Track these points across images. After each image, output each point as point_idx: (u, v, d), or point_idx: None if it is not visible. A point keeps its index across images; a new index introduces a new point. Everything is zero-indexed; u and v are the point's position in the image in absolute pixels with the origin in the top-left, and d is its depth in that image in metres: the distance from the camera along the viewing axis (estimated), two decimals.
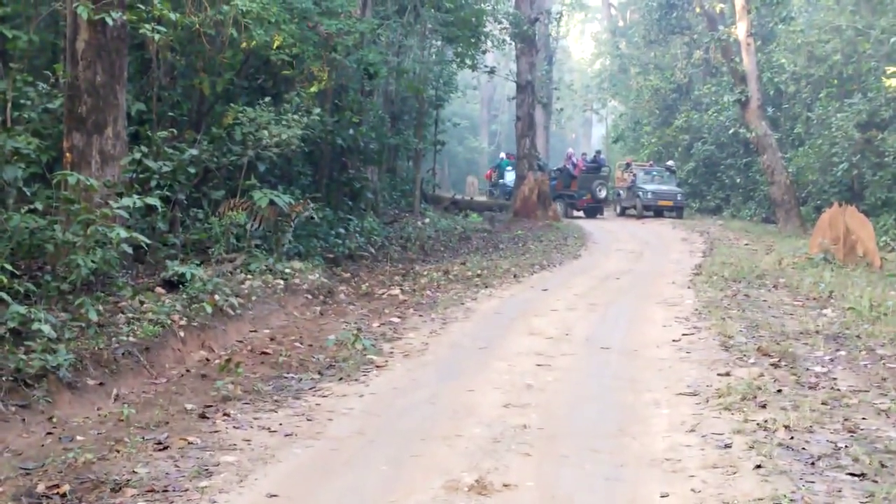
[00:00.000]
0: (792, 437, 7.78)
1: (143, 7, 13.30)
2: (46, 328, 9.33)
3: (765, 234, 30.89)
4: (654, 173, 40.84)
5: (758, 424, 8.18)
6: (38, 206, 11.25)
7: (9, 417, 8.09)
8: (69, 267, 11.00)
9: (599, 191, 40.52)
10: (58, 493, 6.51)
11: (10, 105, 12.21)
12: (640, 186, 39.49)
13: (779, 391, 9.42)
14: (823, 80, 36.19)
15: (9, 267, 10.19)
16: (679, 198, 39.13)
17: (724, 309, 14.74)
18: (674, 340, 12.44)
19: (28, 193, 12.12)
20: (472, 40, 30.14)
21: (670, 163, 42.66)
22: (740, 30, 33.61)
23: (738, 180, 41.56)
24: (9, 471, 6.89)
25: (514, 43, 37.53)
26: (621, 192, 41.83)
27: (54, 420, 8.31)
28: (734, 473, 7.01)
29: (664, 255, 24.46)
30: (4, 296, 9.83)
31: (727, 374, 10.27)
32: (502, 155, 48.90)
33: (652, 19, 51.41)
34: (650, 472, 7.16)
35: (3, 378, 8.41)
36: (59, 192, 12.02)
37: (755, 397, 9.13)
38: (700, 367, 10.79)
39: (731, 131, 40.76)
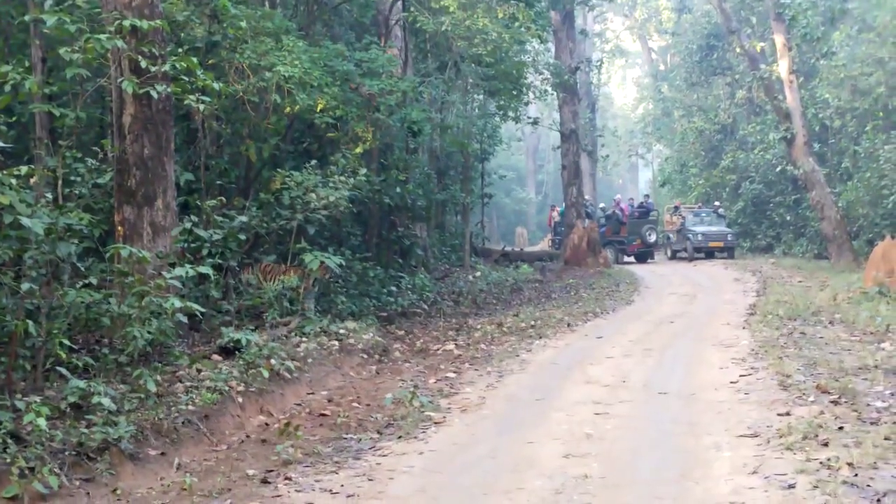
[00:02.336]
0: (856, 475, 7.64)
1: (186, 79, 13.47)
2: (106, 401, 9.40)
3: (818, 270, 30.55)
4: (704, 215, 40.66)
5: (821, 463, 8.05)
6: (93, 280, 11.37)
7: (73, 491, 8.14)
8: (126, 339, 11.10)
9: (649, 235, 40.42)
10: None
11: (60, 182, 12.39)
12: (690, 229, 39.35)
13: (840, 428, 9.28)
14: (868, 113, 35.88)
15: (67, 342, 10.31)
16: (730, 238, 38.94)
17: (781, 348, 14.58)
18: (731, 382, 12.30)
19: (82, 268, 12.25)
20: (514, 92, 30.21)
21: (717, 204, 42.42)
22: (782, 67, 33.54)
23: (788, 218, 41.24)
24: None
25: (556, 93, 37.59)
26: (671, 235, 41.67)
27: (118, 492, 8.34)
28: None
29: (717, 297, 24.26)
30: (64, 371, 9.94)
31: (787, 414, 10.13)
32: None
33: (693, 61, 51.40)
34: None
35: (66, 452, 8.48)
36: (112, 266, 12.16)
37: (817, 436, 8.99)
38: (759, 407, 10.65)
39: (778, 169, 40.52)
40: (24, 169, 9.24)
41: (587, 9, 44.72)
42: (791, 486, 7.58)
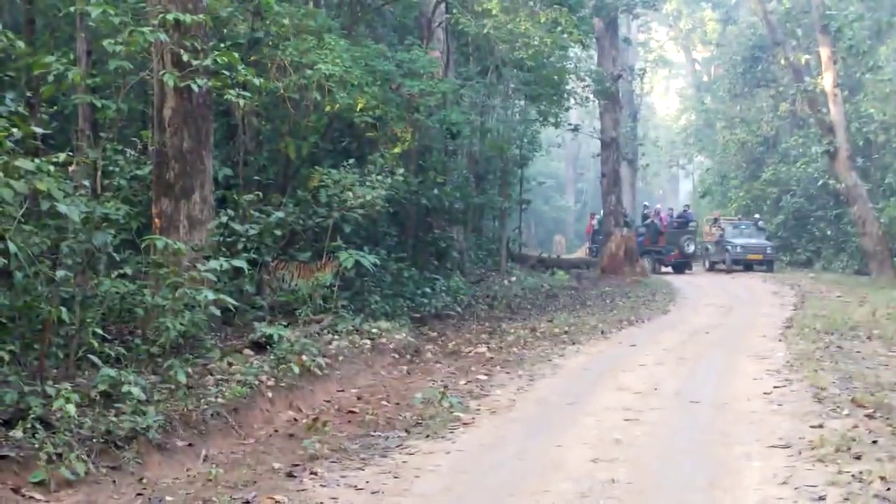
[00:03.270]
0: (888, 489, 7.51)
1: (227, 73, 13.51)
2: (136, 390, 9.42)
3: (857, 286, 30.30)
4: (743, 227, 40.41)
5: (852, 476, 7.93)
6: (128, 271, 11.43)
7: (100, 479, 8.16)
8: (158, 330, 11.13)
9: (687, 246, 40.21)
10: None
11: (99, 173, 12.45)
12: (729, 240, 39.12)
13: (874, 442, 9.15)
14: None
15: (100, 331, 10.37)
16: (769, 251, 38.68)
17: (817, 361, 14.43)
18: (765, 393, 12.18)
19: (118, 259, 12.32)
20: (555, 98, 30.21)
21: (756, 216, 42.13)
22: (827, 81, 33.34)
23: (829, 232, 40.94)
24: None
25: (597, 100, 37.55)
26: (710, 246, 41.42)
27: (144, 481, 8.36)
28: None
29: (754, 309, 24.08)
30: (95, 359, 9.99)
31: (820, 426, 10.01)
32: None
33: (737, 73, 51.15)
34: None
35: (94, 440, 8.50)
36: (147, 257, 12.22)
37: (849, 449, 8.87)
38: (792, 419, 10.54)
39: (820, 183, 40.23)
40: (62, 156, 9.30)
41: (631, 17, 44.73)
42: (821, 499, 7.49)
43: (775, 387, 12.58)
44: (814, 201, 42.41)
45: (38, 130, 9.73)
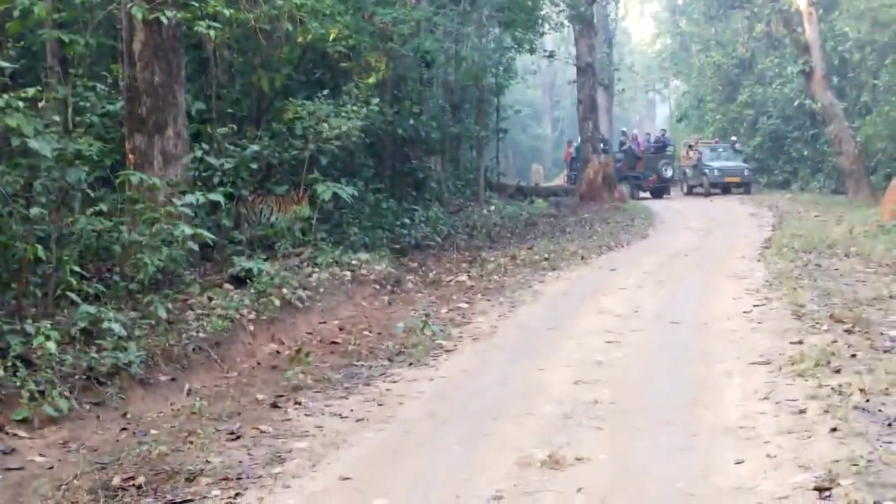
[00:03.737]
0: (867, 400, 7.57)
1: (197, 5, 13.33)
2: (117, 327, 9.40)
3: (835, 205, 30.37)
4: (720, 150, 40.36)
5: (832, 389, 7.99)
6: (104, 208, 11.36)
7: (84, 415, 8.19)
8: (136, 266, 11.09)
9: (665, 171, 40.14)
10: (133, 485, 6.55)
11: (70, 109, 12.30)
12: (707, 164, 39.04)
13: (853, 356, 9.20)
14: (889, 46, 35.38)
15: (77, 269, 10.31)
16: (746, 173, 38.64)
17: (796, 279, 14.47)
18: (745, 312, 12.24)
19: (93, 196, 12.22)
20: (530, 24, 29.95)
21: (733, 139, 42.05)
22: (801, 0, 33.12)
23: (806, 153, 40.93)
24: (85, 466, 6.92)
25: (572, 26, 37.22)
26: (687, 170, 41.36)
27: (128, 416, 8.39)
28: (809, 437, 6.88)
29: (733, 231, 24.12)
30: (74, 297, 9.94)
31: (800, 343, 10.06)
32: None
33: None
34: (724, 441, 7.06)
35: (76, 376, 8.50)
36: (123, 194, 12.12)
37: (829, 363, 8.92)
38: (772, 336, 10.60)
39: (796, 103, 40.14)
40: (31, 91, 9.16)
41: None
42: (802, 412, 7.55)
43: (755, 305, 12.66)
44: (790, 122, 42.31)
45: (6, 65, 9.59)
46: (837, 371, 8.65)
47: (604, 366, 9.72)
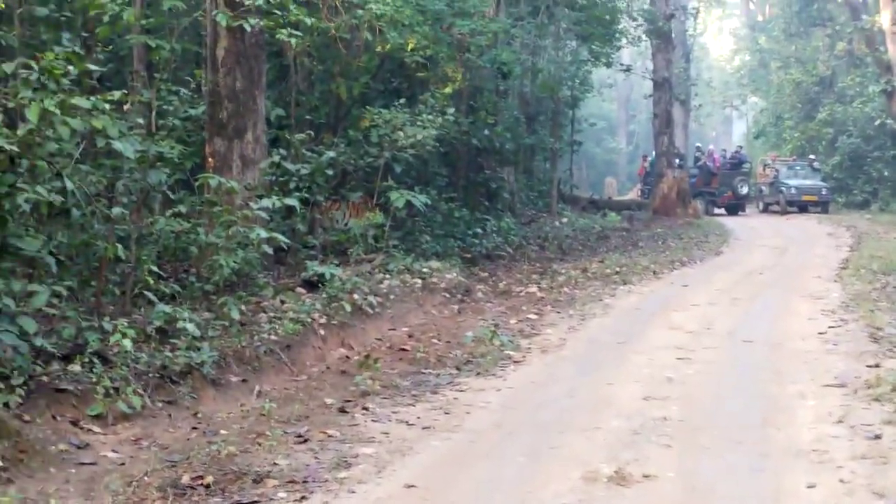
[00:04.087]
0: None
1: (279, 13, 13.53)
2: (191, 326, 9.56)
3: None
4: (798, 168, 39.89)
5: None
6: (183, 209, 11.58)
7: (156, 413, 8.33)
8: (212, 268, 11.28)
9: (741, 187, 39.76)
10: (202, 484, 6.66)
11: (154, 112, 12.54)
12: (784, 182, 38.60)
13: None
14: None
15: (155, 269, 10.53)
16: (824, 192, 38.12)
17: (873, 301, 14.31)
18: (820, 333, 12.12)
19: (173, 198, 12.45)
20: (607, 38, 29.89)
21: (812, 157, 41.56)
22: (884, 18, 32.76)
23: (886, 173, 40.27)
24: (156, 463, 7.05)
25: (649, 40, 37.10)
26: (764, 188, 40.93)
27: (199, 415, 8.52)
28: (885, 464, 6.81)
29: (809, 250, 23.85)
30: (151, 296, 10.13)
31: (876, 366, 9.95)
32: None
33: (792, 12, 50.29)
34: (796, 463, 7.00)
35: (150, 374, 8.66)
36: (201, 196, 12.34)
37: None
38: (848, 358, 10.50)
39: (877, 123, 39.55)
40: (117, 94, 9.37)
41: None
42: (877, 437, 7.47)
43: (830, 326, 12.53)
44: (870, 142, 41.70)
45: (94, 68, 9.82)
46: None
47: (674, 382, 9.69)
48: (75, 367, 8.25)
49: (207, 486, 6.64)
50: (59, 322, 9.12)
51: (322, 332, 11.51)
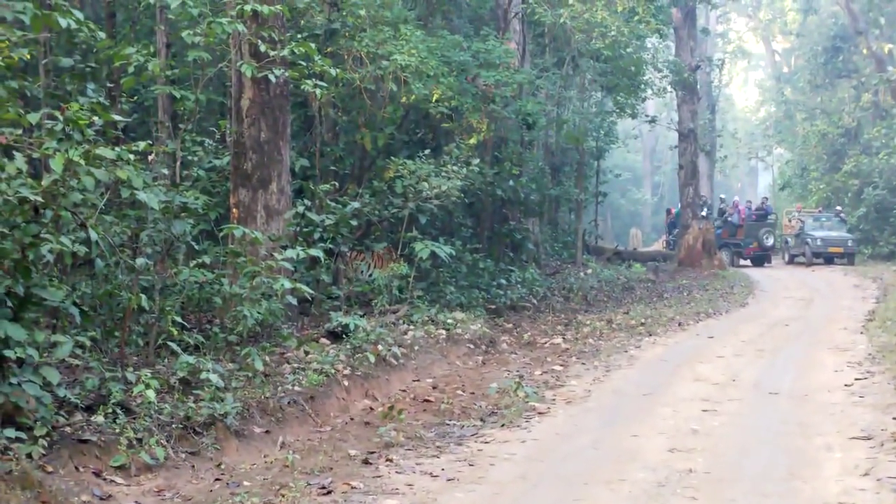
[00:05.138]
0: None
1: (304, 64, 13.61)
2: (214, 377, 9.54)
3: None
4: (824, 219, 39.75)
5: None
6: (207, 260, 11.58)
7: (179, 464, 8.28)
8: (236, 318, 11.28)
9: (766, 239, 39.63)
10: None
11: (179, 163, 12.62)
12: (809, 233, 38.45)
13: None
14: None
15: (179, 319, 10.52)
16: (850, 244, 37.93)
17: None
18: (846, 385, 12.00)
19: (197, 248, 12.48)
20: (632, 89, 29.98)
21: (838, 208, 41.42)
22: None
23: None
24: None
25: (674, 91, 37.18)
26: (789, 239, 40.79)
27: (222, 466, 8.47)
28: None
29: (835, 302, 23.69)
30: (175, 347, 10.13)
31: None
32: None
33: (817, 63, 50.36)
34: None
35: (174, 425, 8.62)
36: (225, 247, 12.36)
37: None
38: (874, 410, 10.38)
39: None
40: (142, 144, 9.41)
41: (710, 7, 44.22)
42: None
43: (857, 379, 12.40)
44: None
45: (119, 119, 9.86)
46: None
47: (699, 434, 9.59)
48: (98, 418, 8.23)
49: None
50: (83, 372, 9.13)
51: (346, 382, 11.47)
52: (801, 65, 56.52)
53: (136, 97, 15.96)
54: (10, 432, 7.25)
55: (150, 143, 10.82)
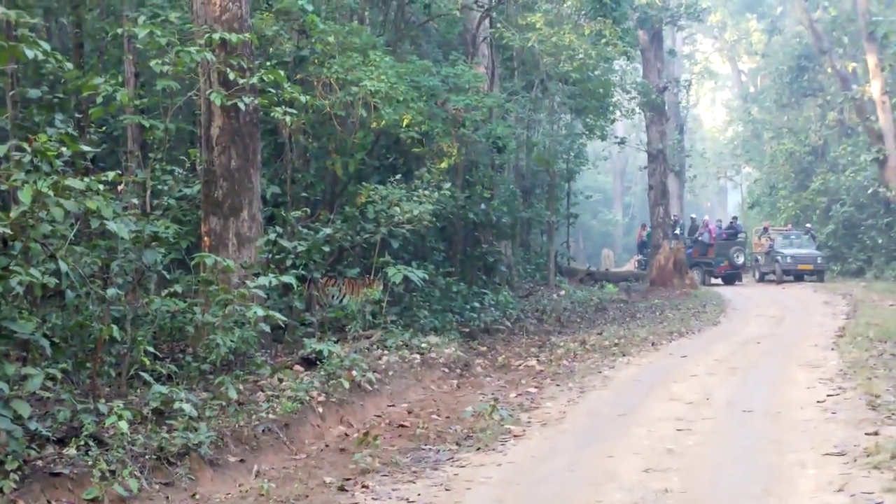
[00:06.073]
0: None
1: (274, 92, 13.63)
2: (188, 407, 9.49)
3: None
4: (793, 237, 40.00)
5: None
6: (179, 289, 11.53)
7: (153, 495, 8.22)
8: (209, 347, 11.25)
9: (737, 257, 39.85)
10: None
11: (149, 192, 12.59)
12: (779, 251, 38.66)
13: None
14: None
15: (151, 349, 10.47)
16: (819, 261, 38.17)
17: (871, 369, 14.23)
18: (818, 401, 12.04)
19: (168, 278, 12.43)
20: (601, 111, 30.14)
21: (808, 226, 41.70)
22: (875, 88, 33.07)
23: (880, 241, 40.28)
24: None
25: (643, 112, 37.43)
26: (759, 257, 41.00)
27: (197, 496, 8.41)
28: None
29: (806, 319, 23.80)
30: (147, 377, 10.08)
31: (875, 434, 9.87)
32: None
33: (783, 83, 50.72)
34: None
35: (147, 456, 8.56)
36: (197, 275, 12.32)
37: None
38: (847, 426, 10.42)
39: (870, 191, 39.74)
40: (111, 175, 9.38)
41: (676, 29, 44.52)
42: None
43: (829, 395, 12.44)
44: (864, 210, 41.81)
45: (88, 149, 9.85)
46: None
47: (674, 454, 9.60)
48: (71, 451, 8.17)
49: None
50: (54, 405, 9.06)
51: (320, 409, 11.43)
52: (768, 84, 56.92)
53: (104, 127, 15.90)
54: None
55: (120, 172, 10.79)
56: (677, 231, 39.67)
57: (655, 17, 35.81)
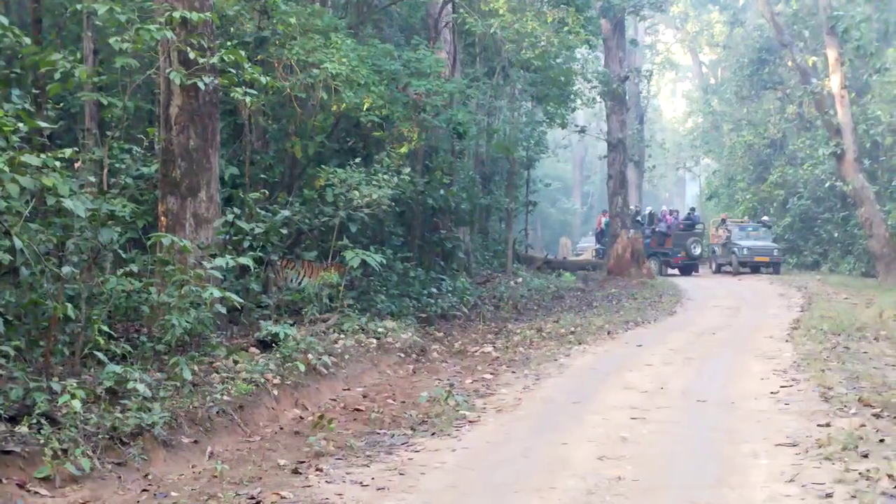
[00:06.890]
0: (895, 487, 7.51)
1: (234, 72, 13.53)
2: (142, 387, 9.44)
3: (865, 287, 30.13)
4: (750, 229, 40.28)
5: (860, 474, 7.92)
6: (135, 268, 11.46)
7: (105, 475, 8.17)
8: (164, 328, 11.17)
9: (694, 248, 40.10)
10: None
11: (106, 170, 12.47)
12: (736, 243, 38.94)
13: (881, 441, 9.12)
14: None
15: (106, 328, 10.39)
16: (775, 253, 38.51)
17: (824, 361, 14.38)
18: (772, 392, 12.15)
19: (124, 257, 12.33)
20: (562, 99, 30.15)
21: (765, 218, 42.02)
22: (834, 82, 33.21)
23: (836, 234, 40.68)
24: None
25: (604, 102, 37.48)
26: (716, 248, 41.28)
27: (149, 477, 8.37)
28: None
29: (761, 311, 23.98)
30: (101, 356, 10.00)
31: (827, 425, 9.98)
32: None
33: (743, 75, 50.96)
34: None
35: (100, 436, 8.50)
36: (154, 255, 12.23)
37: (857, 447, 8.84)
38: (799, 418, 10.52)
39: (827, 185, 40.07)
40: (68, 151, 9.30)
41: (638, 19, 44.62)
42: (829, 496, 7.48)
43: (782, 386, 12.56)
44: (821, 203, 42.19)
45: (45, 125, 9.74)
46: (865, 456, 8.57)
47: (628, 442, 9.65)
48: (22, 429, 8.11)
49: None
50: (7, 382, 8.98)
51: (275, 392, 11.40)
52: (728, 76, 57.17)
53: (62, 104, 15.71)
54: None
55: (77, 150, 10.68)
56: (639, 219, 39.85)
57: (618, 7, 35.81)
